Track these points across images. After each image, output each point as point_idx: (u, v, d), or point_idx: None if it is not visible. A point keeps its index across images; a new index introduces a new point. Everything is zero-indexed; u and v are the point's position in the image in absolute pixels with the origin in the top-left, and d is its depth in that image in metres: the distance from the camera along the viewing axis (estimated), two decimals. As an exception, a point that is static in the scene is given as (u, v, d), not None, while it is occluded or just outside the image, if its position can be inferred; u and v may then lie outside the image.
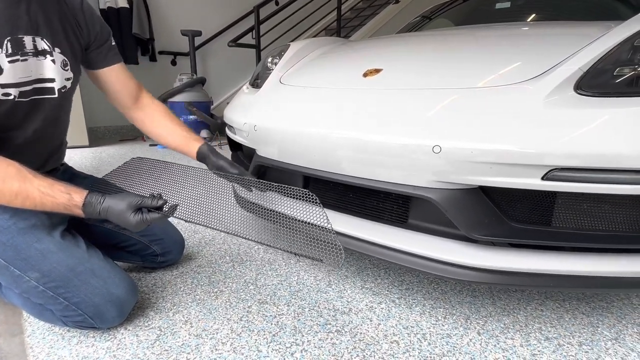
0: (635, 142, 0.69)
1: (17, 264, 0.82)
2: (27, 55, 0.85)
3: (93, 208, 0.79)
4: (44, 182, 0.77)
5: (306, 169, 1.03)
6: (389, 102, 0.95)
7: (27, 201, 0.77)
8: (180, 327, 0.91)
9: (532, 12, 1.86)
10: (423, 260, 0.87)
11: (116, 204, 0.80)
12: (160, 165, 1.10)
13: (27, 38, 0.84)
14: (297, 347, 0.85)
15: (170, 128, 1.11)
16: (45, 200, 0.77)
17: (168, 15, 4.27)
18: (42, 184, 0.77)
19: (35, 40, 0.86)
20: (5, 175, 0.75)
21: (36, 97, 0.88)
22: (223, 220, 0.94)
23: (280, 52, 1.53)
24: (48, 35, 0.88)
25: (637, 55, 0.80)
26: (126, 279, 0.92)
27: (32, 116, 0.89)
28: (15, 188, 0.75)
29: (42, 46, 0.87)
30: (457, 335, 0.90)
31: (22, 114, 0.87)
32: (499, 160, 0.74)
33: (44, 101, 0.90)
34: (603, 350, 0.86)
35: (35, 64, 0.87)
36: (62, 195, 0.78)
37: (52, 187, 0.78)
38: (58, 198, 0.77)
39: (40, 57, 0.87)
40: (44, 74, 0.89)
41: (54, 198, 0.77)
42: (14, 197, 0.76)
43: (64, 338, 0.88)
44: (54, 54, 0.90)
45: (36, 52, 0.86)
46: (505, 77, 0.89)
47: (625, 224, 0.78)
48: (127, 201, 0.80)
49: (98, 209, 0.80)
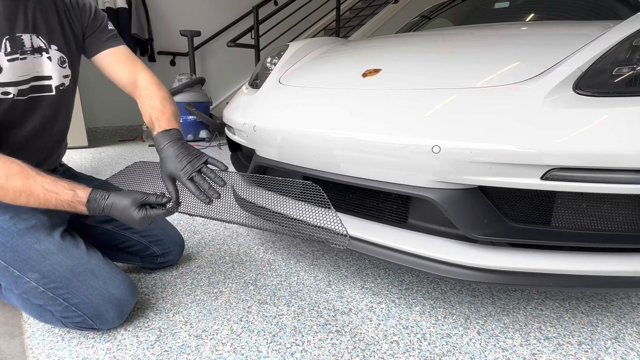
0: (633, 141, 0.69)
1: (16, 265, 0.82)
2: (25, 53, 0.85)
3: (97, 204, 0.79)
4: (48, 179, 0.77)
5: (306, 169, 1.03)
6: (388, 102, 0.95)
7: (31, 198, 0.76)
8: (180, 328, 0.91)
9: (531, 12, 1.86)
10: (422, 260, 0.87)
11: (120, 200, 0.79)
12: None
13: (25, 36, 0.85)
14: (297, 347, 0.85)
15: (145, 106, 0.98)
16: (49, 197, 0.77)
17: (167, 16, 4.26)
18: (45, 181, 0.77)
19: (32, 38, 0.86)
20: (8, 173, 0.75)
21: (34, 95, 0.89)
22: (227, 211, 0.91)
23: (280, 52, 1.53)
24: (45, 32, 0.89)
25: (635, 55, 0.81)
26: (126, 280, 0.92)
27: (30, 114, 0.89)
28: (18, 185, 0.75)
29: (38, 44, 0.87)
30: (456, 335, 0.90)
31: (21, 112, 0.87)
32: (498, 160, 0.74)
33: (41, 99, 0.91)
34: (602, 350, 0.86)
35: (32, 61, 0.87)
36: (66, 192, 0.78)
37: (56, 184, 0.78)
38: (62, 195, 0.77)
39: (37, 55, 0.88)
40: (42, 71, 0.89)
41: (57, 195, 0.77)
42: (18, 195, 0.76)
43: (64, 339, 0.88)
44: (51, 51, 0.90)
45: (33, 49, 0.87)
46: (504, 77, 0.89)
47: (624, 223, 0.78)
48: (131, 197, 0.80)
49: (102, 205, 0.79)
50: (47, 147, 0.98)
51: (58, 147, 1.03)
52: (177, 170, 0.84)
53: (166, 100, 0.98)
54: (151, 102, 0.97)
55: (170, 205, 0.83)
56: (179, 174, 0.83)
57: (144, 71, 1.03)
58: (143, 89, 1.00)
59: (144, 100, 0.99)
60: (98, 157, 2.97)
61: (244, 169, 1.37)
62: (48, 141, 0.98)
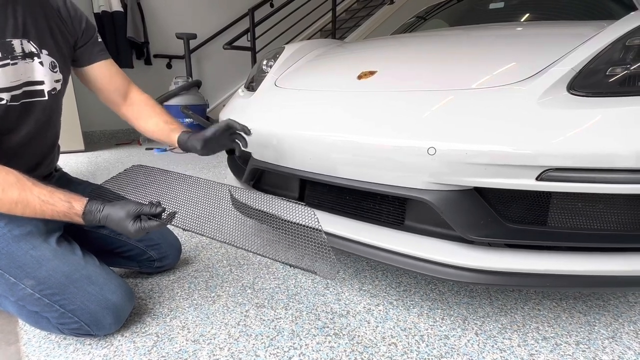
0: (628, 141, 0.70)
1: (12, 272, 0.82)
2: (16, 58, 0.84)
3: (93, 216, 0.80)
4: (44, 190, 0.78)
5: (302, 172, 1.03)
6: (383, 104, 0.95)
7: (27, 209, 0.77)
8: (177, 333, 0.91)
9: (526, 12, 1.87)
10: (419, 261, 0.87)
11: (115, 212, 0.80)
12: (160, 174, 1.10)
13: (15, 41, 0.84)
14: (295, 351, 0.85)
15: (154, 120, 1.10)
16: (45, 209, 0.77)
17: (163, 19, 4.26)
18: (42, 192, 0.77)
19: (22, 43, 0.86)
20: (4, 184, 0.75)
21: (27, 100, 0.88)
22: (220, 229, 0.95)
23: (275, 54, 1.53)
24: (35, 37, 0.88)
25: (629, 55, 0.81)
26: (122, 285, 0.91)
27: (23, 119, 0.89)
28: (15, 196, 0.75)
29: (29, 48, 0.87)
30: (455, 336, 0.90)
31: (14, 117, 0.87)
32: (494, 162, 0.75)
33: (34, 104, 0.90)
34: (600, 349, 0.86)
35: (24, 67, 0.86)
36: (62, 203, 0.78)
37: (52, 195, 0.78)
38: (58, 206, 0.78)
39: (29, 60, 0.87)
40: (33, 76, 0.89)
41: (53, 206, 0.77)
42: (14, 206, 0.76)
43: (60, 346, 0.87)
44: (42, 55, 0.90)
45: (24, 54, 0.86)
46: (499, 78, 0.89)
47: (620, 223, 0.79)
48: (125, 209, 0.80)
49: (98, 217, 0.80)
50: (41, 152, 0.98)
51: (51, 151, 1.03)
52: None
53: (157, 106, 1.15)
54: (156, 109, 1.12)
55: (165, 216, 0.84)
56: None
57: (133, 84, 1.16)
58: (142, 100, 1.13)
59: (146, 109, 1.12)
60: (95, 161, 2.96)
61: (240, 172, 1.37)
62: (42, 146, 0.98)
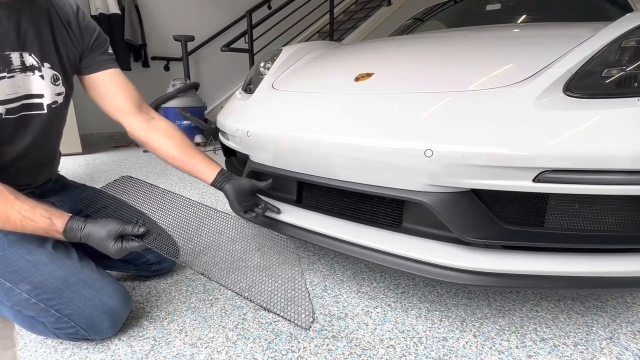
0: (624, 142, 0.70)
1: (7, 277, 0.81)
2: (14, 71, 0.84)
3: (74, 234, 0.80)
4: (25, 205, 0.77)
5: (300, 174, 1.03)
6: (380, 106, 0.95)
7: (7, 224, 0.76)
8: (175, 337, 0.90)
9: (522, 14, 1.88)
10: (417, 263, 0.86)
11: (97, 232, 0.80)
12: (148, 189, 1.10)
13: (14, 54, 0.83)
14: (293, 354, 0.84)
15: (188, 154, 1.06)
16: (25, 224, 0.77)
17: (160, 21, 4.26)
18: (23, 207, 0.76)
19: (22, 56, 0.85)
20: None
21: (24, 114, 0.88)
22: (200, 260, 0.97)
23: (273, 56, 1.53)
24: (37, 50, 0.87)
25: (624, 57, 0.81)
26: (119, 289, 0.91)
27: (20, 132, 0.89)
28: None
29: (30, 62, 0.86)
30: (453, 338, 0.90)
31: (11, 130, 0.87)
32: (490, 163, 0.75)
33: (32, 117, 0.90)
34: (598, 350, 0.86)
35: (23, 80, 0.86)
36: (42, 219, 0.78)
37: (34, 210, 0.77)
38: (39, 222, 0.77)
39: (29, 73, 0.87)
40: (32, 89, 0.88)
41: (34, 222, 0.77)
42: None
43: (57, 350, 0.87)
44: (43, 69, 0.89)
45: (24, 68, 0.85)
46: (496, 80, 0.89)
47: (617, 224, 0.79)
48: (107, 229, 0.80)
49: (79, 235, 0.80)
50: (38, 165, 0.97)
51: (50, 163, 1.03)
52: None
53: (184, 137, 1.10)
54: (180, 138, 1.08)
55: (147, 237, 0.86)
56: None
57: (145, 102, 1.10)
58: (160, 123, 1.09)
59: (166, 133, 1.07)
60: (92, 164, 2.95)
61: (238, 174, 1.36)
62: (40, 157, 0.97)
